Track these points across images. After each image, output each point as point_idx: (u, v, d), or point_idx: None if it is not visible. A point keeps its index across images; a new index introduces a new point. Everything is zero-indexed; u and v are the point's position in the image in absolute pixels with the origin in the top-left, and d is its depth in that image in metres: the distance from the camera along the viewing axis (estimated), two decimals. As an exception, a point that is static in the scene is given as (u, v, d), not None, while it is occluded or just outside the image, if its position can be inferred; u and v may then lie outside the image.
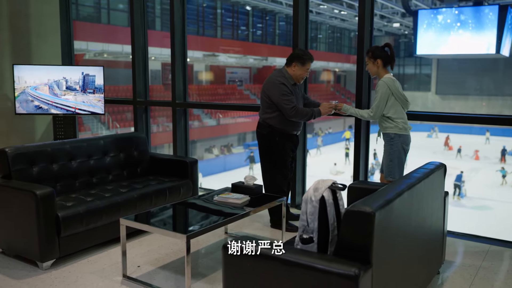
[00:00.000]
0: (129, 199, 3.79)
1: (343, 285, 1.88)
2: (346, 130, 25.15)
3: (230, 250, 2.14)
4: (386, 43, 3.76)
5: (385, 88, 3.63)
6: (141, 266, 3.34)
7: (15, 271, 3.26)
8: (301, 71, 3.93)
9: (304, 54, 3.94)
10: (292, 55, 3.98)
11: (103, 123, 20.44)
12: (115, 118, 20.49)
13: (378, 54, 3.70)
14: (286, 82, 3.88)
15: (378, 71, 3.73)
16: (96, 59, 20.69)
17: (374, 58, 3.71)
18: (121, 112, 20.82)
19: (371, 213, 1.92)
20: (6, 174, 3.55)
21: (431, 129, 28.13)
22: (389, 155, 3.69)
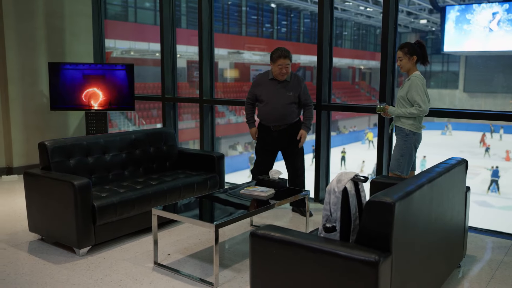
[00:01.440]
0: (159, 191, 3.96)
1: (364, 270, 1.99)
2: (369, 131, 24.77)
3: (258, 237, 2.27)
4: (418, 41, 3.82)
5: (421, 82, 3.71)
6: (170, 254, 3.51)
7: (54, 256, 3.48)
8: (274, 68, 4.17)
9: (274, 53, 4.18)
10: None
11: (130, 120, 20.88)
12: (141, 114, 20.90)
13: (414, 51, 3.75)
14: (261, 77, 4.33)
15: (411, 67, 3.78)
16: (124, 56, 21.13)
17: (410, 54, 3.75)
18: (147, 109, 21.23)
19: (391, 203, 2.02)
20: (46, 165, 3.77)
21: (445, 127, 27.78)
22: (401, 149, 3.75)
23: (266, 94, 4.24)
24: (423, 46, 3.81)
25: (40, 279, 3.09)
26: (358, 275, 2.01)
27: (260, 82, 4.31)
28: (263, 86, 4.27)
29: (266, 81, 4.25)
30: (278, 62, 4.12)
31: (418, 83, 3.70)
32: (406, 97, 3.75)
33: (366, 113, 4.84)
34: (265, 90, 4.25)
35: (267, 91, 4.24)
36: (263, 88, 4.27)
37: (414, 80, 3.73)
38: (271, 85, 4.24)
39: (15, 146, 6.09)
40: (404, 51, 3.76)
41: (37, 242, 3.76)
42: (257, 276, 2.35)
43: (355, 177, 2.29)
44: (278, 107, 4.23)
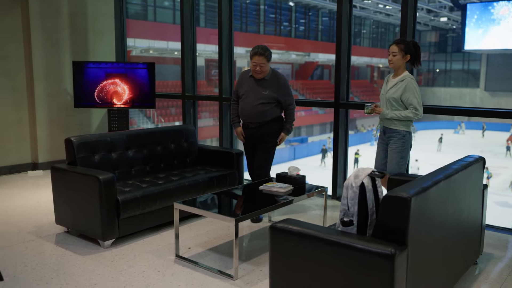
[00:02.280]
0: (180, 186, 4.07)
1: (380, 263, 2.05)
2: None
3: (277, 230, 2.35)
4: (413, 41, 3.76)
5: (415, 83, 3.67)
6: (191, 248, 3.62)
7: (79, 248, 3.61)
8: (250, 65, 4.17)
9: (251, 50, 4.14)
10: None
11: (148, 118, 21.17)
12: (160, 112, 21.17)
13: (409, 50, 3.68)
14: (244, 73, 4.33)
15: (402, 65, 3.71)
16: (143, 55, 21.41)
17: (405, 52, 3.68)
18: (166, 107, 21.48)
19: (407, 198, 2.08)
20: (72, 160, 3.91)
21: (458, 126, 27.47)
22: (401, 152, 3.70)
23: (244, 90, 4.23)
24: (418, 47, 3.74)
25: (67, 269, 3.23)
26: (375, 268, 2.08)
27: (241, 78, 4.31)
28: (243, 82, 4.26)
29: (246, 78, 4.24)
30: (253, 59, 4.07)
31: (415, 86, 3.64)
32: (400, 99, 3.67)
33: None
34: (243, 86, 4.24)
35: (245, 87, 4.22)
36: (243, 84, 4.26)
37: (411, 82, 3.65)
38: (249, 82, 4.21)
39: (40, 142, 6.28)
40: (400, 47, 3.67)
41: (63, 234, 3.91)
42: (276, 268, 2.42)
43: (372, 173, 2.36)
44: (251, 104, 4.16)
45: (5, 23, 5.93)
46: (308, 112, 27.16)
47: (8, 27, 5.96)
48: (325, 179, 4.63)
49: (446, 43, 32.77)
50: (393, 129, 3.74)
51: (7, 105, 6.05)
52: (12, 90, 6.08)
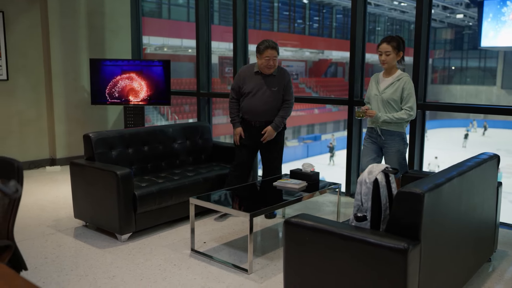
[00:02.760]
0: (195, 182, 4.14)
1: (393, 258, 2.08)
2: None
3: (291, 224, 2.40)
4: (399, 36, 3.63)
5: (412, 84, 3.56)
6: (206, 242, 3.68)
7: (98, 241, 3.70)
8: (261, 61, 3.96)
9: (260, 44, 3.97)
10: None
11: (163, 115, 21.34)
12: (174, 110, 21.32)
13: (402, 47, 3.57)
14: (245, 69, 4.13)
15: (394, 64, 3.60)
16: (157, 53, 21.57)
17: (398, 50, 3.56)
18: (180, 105, 21.63)
19: (420, 194, 2.11)
20: (90, 156, 3.99)
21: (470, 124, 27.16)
22: (403, 153, 3.63)
23: (251, 87, 4.03)
24: (404, 42, 3.62)
25: (86, 262, 3.31)
26: (388, 262, 2.11)
27: (244, 75, 4.09)
28: (247, 79, 4.05)
29: (251, 74, 4.05)
30: (266, 53, 3.90)
31: (412, 86, 3.54)
32: (400, 99, 3.53)
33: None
34: (249, 83, 4.03)
35: (252, 84, 4.03)
36: (247, 81, 4.05)
37: (410, 81, 3.53)
38: (256, 79, 4.03)
39: (58, 138, 6.40)
40: (392, 45, 3.53)
41: (81, 228, 4.00)
42: (290, 262, 2.47)
43: (386, 169, 2.39)
44: (262, 102, 4.04)
45: (25, 21, 6.06)
46: (322, 110, 27.10)
47: (27, 26, 6.09)
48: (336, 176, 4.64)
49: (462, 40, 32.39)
50: (391, 131, 3.60)
51: (27, 102, 6.18)
52: (31, 87, 6.21)
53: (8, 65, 5.94)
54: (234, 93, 4.15)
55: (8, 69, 5.95)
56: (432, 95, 28.08)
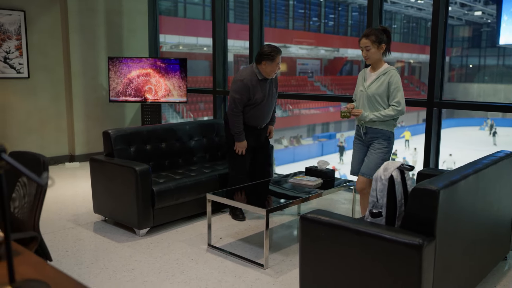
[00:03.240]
0: (212, 178, 4.20)
1: (408, 253, 2.10)
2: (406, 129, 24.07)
3: (307, 220, 2.43)
4: (382, 26, 3.38)
5: (399, 77, 3.31)
6: (222, 238, 3.74)
7: (116, 235, 3.78)
8: (271, 67, 3.89)
9: (271, 51, 3.86)
10: (260, 53, 3.90)
11: (178, 113, 21.50)
12: (189, 108, 21.47)
13: (383, 39, 3.30)
14: (248, 80, 3.88)
15: (379, 58, 3.34)
16: (172, 51, 21.73)
17: (379, 43, 3.29)
18: (195, 103, 21.77)
19: (436, 190, 2.13)
20: (109, 152, 4.08)
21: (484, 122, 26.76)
22: (384, 153, 3.34)
23: (262, 96, 3.97)
24: (389, 32, 3.36)
25: (106, 255, 3.39)
26: (403, 258, 2.13)
27: (251, 84, 3.90)
28: (256, 88, 3.93)
29: (257, 83, 3.93)
30: (277, 59, 3.87)
31: (399, 80, 3.27)
32: (385, 94, 3.30)
33: (414, 106, 4.86)
34: (259, 92, 3.95)
35: (261, 93, 3.96)
36: (256, 90, 3.94)
37: (396, 74, 3.28)
38: (262, 86, 3.96)
39: (77, 135, 6.53)
40: (371, 39, 3.27)
41: (100, 223, 4.09)
42: (306, 257, 2.51)
43: (401, 166, 2.41)
44: (270, 106, 4.09)
45: (45, 21, 6.19)
46: (337, 108, 27.00)
47: (48, 25, 6.21)
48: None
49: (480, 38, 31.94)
50: (377, 129, 3.35)
51: (47, 99, 6.31)
52: (51, 85, 6.34)
53: (29, 63, 6.07)
54: (241, 106, 3.93)
55: (29, 67, 6.08)
56: (449, 93, 27.79)
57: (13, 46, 5.90)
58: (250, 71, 3.94)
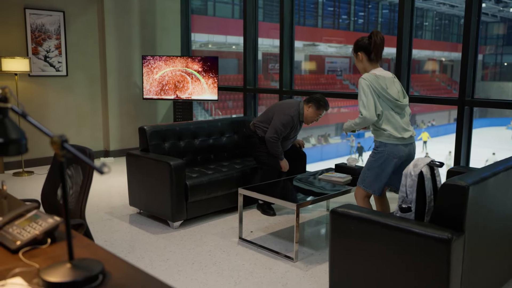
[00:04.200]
0: (243, 174, 4.31)
1: (437, 247, 2.15)
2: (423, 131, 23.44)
3: (338, 214, 2.51)
4: (373, 31, 3.16)
5: (366, 84, 3.03)
6: (253, 231, 3.84)
7: (151, 228, 3.93)
8: (312, 114, 4.18)
9: (321, 100, 4.15)
10: (312, 97, 4.20)
11: (206, 110, 21.75)
12: (218, 105, 21.69)
13: (358, 46, 3.15)
14: (295, 116, 4.19)
15: (364, 66, 3.17)
16: (202, 49, 21.99)
17: (355, 52, 3.18)
18: (223, 101, 21.98)
19: (465, 186, 2.17)
20: (145, 147, 4.24)
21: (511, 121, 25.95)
22: (371, 163, 3.16)
23: (294, 134, 4.40)
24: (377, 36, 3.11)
25: (142, 246, 3.54)
26: (432, 252, 2.18)
27: (294, 123, 4.23)
28: (295, 127, 4.29)
29: (298, 123, 4.28)
30: (321, 111, 4.18)
31: (362, 86, 3.04)
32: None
33: (444, 105, 4.84)
34: (295, 131, 4.35)
35: (295, 131, 4.36)
36: (295, 129, 4.31)
37: (360, 82, 3.07)
38: (298, 127, 4.33)
39: (112, 131, 6.75)
40: (352, 49, 3.20)
41: (136, 215, 4.26)
42: (336, 250, 2.58)
43: (431, 162, 2.45)
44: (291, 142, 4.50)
45: (83, 21, 6.42)
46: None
47: (85, 25, 6.45)
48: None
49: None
50: (374, 139, 3.26)
51: (84, 97, 6.56)
52: (88, 82, 6.58)
53: (68, 62, 6.32)
54: (280, 136, 4.21)
55: (68, 65, 6.33)
56: (482, 92, 27.14)
57: (53, 46, 6.15)
58: (297, 110, 4.21)
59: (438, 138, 24.18)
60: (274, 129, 4.17)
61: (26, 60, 5.50)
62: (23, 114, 1.31)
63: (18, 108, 1.32)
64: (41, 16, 6.01)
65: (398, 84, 3.19)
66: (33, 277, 1.30)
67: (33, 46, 5.98)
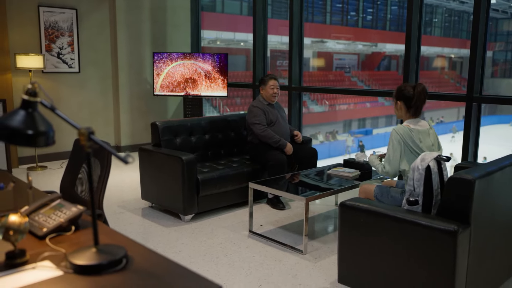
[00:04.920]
0: (253, 169, 4.38)
1: (444, 239, 2.22)
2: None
3: (347, 207, 2.58)
4: (417, 83, 3.04)
5: (396, 137, 2.90)
6: (263, 225, 3.92)
7: (163, 220, 4.03)
8: (267, 90, 4.51)
9: (264, 77, 4.58)
10: (259, 82, 4.62)
11: (215, 107, 21.85)
12: (225, 102, 21.79)
13: (400, 95, 3.02)
14: (259, 104, 4.50)
15: (401, 115, 3.06)
16: (210, 46, 22.07)
17: (396, 99, 3.06)
18: (231, 97, 22.07)
19: (471, 180, 2.23)
20: (157, 143, 4.33)
21: None
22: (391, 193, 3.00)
23: (272, 118, 4.51)
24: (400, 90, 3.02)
25: (155, 238, 3.64)
26: (438, 244, 2.25)
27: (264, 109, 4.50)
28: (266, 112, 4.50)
29: (266, 107, 4.52)
30: (270, 82, 4.49)
31: (392, 139, 2.92)
32: None
33: (452, 101, 4.88)
34: (269, 115, 4.50)
35: (271, 115, 4.51)
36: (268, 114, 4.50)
37: (391, 134, 2.96)
38: (273, 110, 4.54)
39: (123, 127, 6.85)
40: (393, 94, 3.09)
41: (148, 209, 4.35)
42: (344, 242, 2.65)
43: (438, 157, 2.51)
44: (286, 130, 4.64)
45: (95, 18, 6.52)
46: (374, 104, 26.73)
47: (97, 22, 6.55)
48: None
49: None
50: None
51: (96, 93, 6.66)
52: (100, 79, 6.68)
53: (80, 58, 6.43)
54: (262, 125, 4.43)
55: (80, 62, 6.43)
56: (491, 89, 26.97)
57: (65, 42, 6.26)
58: (257, 100, 4.61)
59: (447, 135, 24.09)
60: (253, 125, 4.46)
61: (40, 57, 5.60)
62: (52, 107, 1.40)
63: (47, 102, 1.40)
64: (55, 14, 6.12)
65: (433, 137, 3.00)
66: (60, 260, 1.39)
67: (46, 43, 6.09)
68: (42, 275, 1.29)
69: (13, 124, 1.36)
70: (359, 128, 26.44)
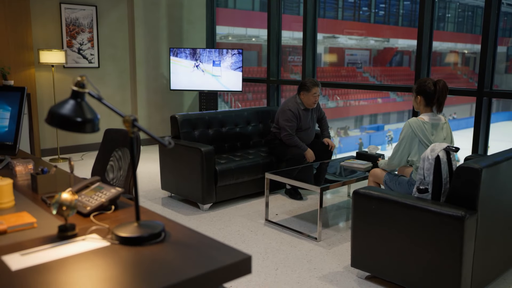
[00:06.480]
0: (268, 161, 4.54)
1: (452, 224, 2.36)
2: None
3: (360, 194, 2.72)
4: (439, 80, 3.11)
5: (408, 131, 2.99)
6: (278, 214, 4.08)
7: (182, 210, 4.21)
8: (309, 97, 4.48)
9: (307, 82, 4.49)
10: (300, 86, 4.55)
11: (226, 102, 22.03)
12: (237, 98, 21.95)
13: (421, 90, 3.09)
14: (294, 108, 4.48)
15: (419, 108, 3.14)
16: (222, 41, 22.22)
17: (416, 93, 3.13)
18: (243, 93, 22.23)
19: (479, 169, 2.36)
20: (176, 135, 4.50)
21: None
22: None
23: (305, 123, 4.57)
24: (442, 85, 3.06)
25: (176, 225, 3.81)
26: (446, 229, 2.39)
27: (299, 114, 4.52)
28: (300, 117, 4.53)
29: (302, 112, 4.54)
30: (313, 90, 4.46)
31: (403, 131, 3.02)
32: None
33: (463, 96, 4.98)
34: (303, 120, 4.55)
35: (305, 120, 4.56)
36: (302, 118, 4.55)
37: (404, 125, 3.05)
38: (307, 114, 4.59)
39: (140, 121, 7.05)
40: (413, 88, 3.17)
41: (167, 199, 4.54)
42: (357, 229, 2.80)
43: (448, 147, 2.65)
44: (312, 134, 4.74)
45: (114, 15, 6.71)
46: (385, 99, 26.71)
47: (116, 19, 6.74)
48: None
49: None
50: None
51: (115, 87, 6.86)
52: (118, 74, 6.88)
53: (100, 54, 6.63)
54: (292, 131, 4.47)
55: (100, 57, 6.63)
56: (505, 84, 26.79)
57: (85, 38, 6.46)
58: (294, 103, 4.54)
59: (459, 131, 24.02)
60: (282, 128, 4.50)
61: (62, 53, 5.81)
62: (99, 98, 1.57)
63: (95, 93, 1.57)
64: (75, 11, 6.32)
65: (446, 131, 3.07)
66: (106, 234, 1.56)
67: (67, 39, 6.30)
68: (91, 245, 1.47)
69: (64, 112, 1.54)
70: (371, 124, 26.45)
